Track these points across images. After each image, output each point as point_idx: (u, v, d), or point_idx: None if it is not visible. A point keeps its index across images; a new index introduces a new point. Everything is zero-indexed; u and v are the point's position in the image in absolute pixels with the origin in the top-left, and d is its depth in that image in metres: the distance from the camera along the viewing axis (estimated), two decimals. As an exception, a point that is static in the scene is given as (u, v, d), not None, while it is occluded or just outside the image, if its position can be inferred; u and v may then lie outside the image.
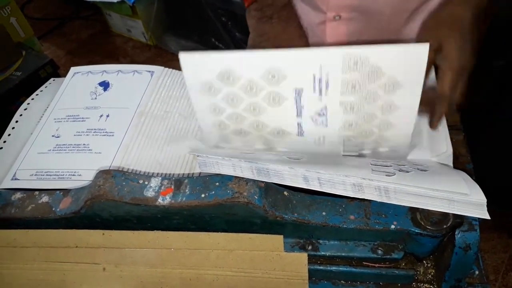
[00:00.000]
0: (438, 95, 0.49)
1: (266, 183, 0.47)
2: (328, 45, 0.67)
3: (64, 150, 0.58)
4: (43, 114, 0.64)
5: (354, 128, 0.49)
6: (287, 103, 0.48)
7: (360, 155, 0.51)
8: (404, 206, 0.45)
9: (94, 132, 0.60)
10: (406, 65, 0.44)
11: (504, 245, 1.25)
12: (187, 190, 0.48)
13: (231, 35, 1.79)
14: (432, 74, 0.54)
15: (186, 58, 0.47)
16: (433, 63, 0.51)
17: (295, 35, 0.56)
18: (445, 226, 0.44)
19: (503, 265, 1.21)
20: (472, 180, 0.46)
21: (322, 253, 0.49)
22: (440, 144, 0.52)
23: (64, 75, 0.70)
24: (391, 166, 0.47)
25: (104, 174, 0.49)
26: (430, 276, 0.48)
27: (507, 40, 1.09)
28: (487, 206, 0.42)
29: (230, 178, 0.47)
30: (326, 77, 0.45)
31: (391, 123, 0.49)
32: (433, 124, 0.50)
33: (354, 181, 0.44)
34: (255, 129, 0.51)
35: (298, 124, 0.50)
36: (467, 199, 0.42)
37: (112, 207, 0.48)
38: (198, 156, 0.48)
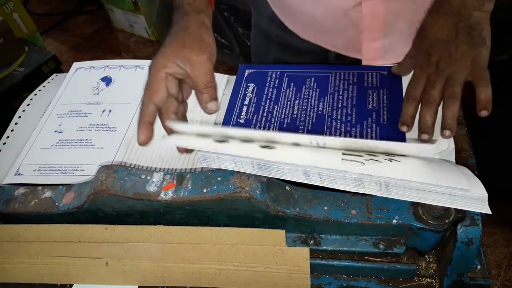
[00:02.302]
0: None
1: (268, 177, 0.47)
2: (363, 27, 0.65)
3: (67, 145, 0.58)
4: (45, 110, 0.65)
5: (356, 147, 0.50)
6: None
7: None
8: (406, 201, 0.45)
9: (97, 127, 0.60)
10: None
11: (507, 239, 1.25)
12: (189, 185, 0.48)
13: (233, 30, 1.79)
14: None
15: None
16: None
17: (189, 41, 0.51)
18: (447, 221, 0.44)
19: (505, 260, 1.21)
20: (474, 175, 0.46)
21: (324, 247, 0.49)
22: (442, 141, 0.51)
23: (67, 71, 0.70)
24: (362, 156, 0.47)
25: (107, 169, 0.50)
26: (432, 270, 0.48)
27: (510, 35, 1.09)
28: (490, 200, 0.42)
29: (232, 173, 0.47)
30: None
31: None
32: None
33: (354, 175, 0.44)
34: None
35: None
36: (468, 193, 0.42)
37: (114, 202, 0.49)
38: (198, 150, 0.48)
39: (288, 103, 0.61)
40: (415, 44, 0.55)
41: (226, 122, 0.60)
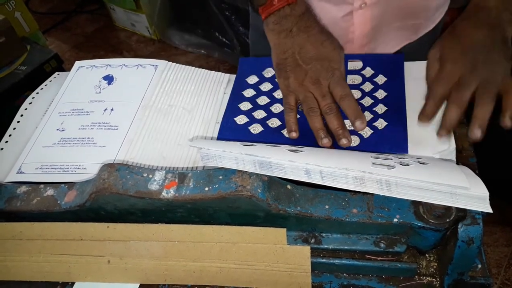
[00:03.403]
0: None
1: (269, 176, 0.47)
2: (354, 34, 0.67)
3: (69, 143, 0.59)
4: (47, 108, 0.65)
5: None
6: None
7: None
8: (407, 200, 0.45)
9: (99, 125, 0.60)
10: None
11: (507, 238, 1.25)
12: (191, 184, 0.48)
13: (234, 29, 1.79)
14: None
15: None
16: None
17: (318, 43, 0.55)
18: (448, 220, 0.44)
19: (505, 259, 1.21)
20: (475, 174, 0.46)
21: (325, 246, 0.49)
22: (442, 140, 0.52)
23: (69, 69, 0.70)
24: (391, 159, 0.47)
25: (109, 167, 0.50)
26: (432, 269, 0.49)
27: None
28: (491, 200, 0.42)
29: (233, 171, 0.47)
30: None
31: None
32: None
33: (356, 174, 0.44)
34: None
35: None
36: (469, 192, 0.42)
37: (116, 200, 0.49)
38: (200, 149, 0.49)
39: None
40: (445, 45, 0.54)
41: (227, 115, 0.60)
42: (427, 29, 0.73)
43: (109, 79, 0.66)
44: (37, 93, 0.69)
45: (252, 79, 0.65)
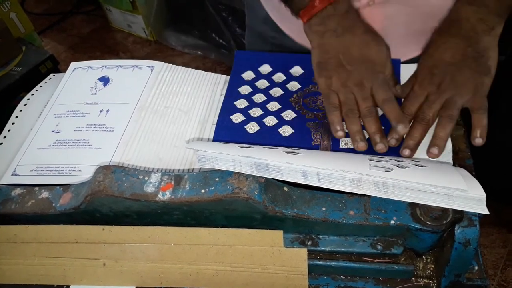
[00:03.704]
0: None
1: (266, 178, 0.47)
2: None
3: (64, 145, 0.58)
4: (43, 110, 0.64)
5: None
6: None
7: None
8: (403, 202, 0.45)
9: (94, 127, 0.60)
10: None
11: (503, 240, 1.25)
12: (187, 186, 0.48)
13: (231, 30, 1.79)
14: None
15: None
16: None
17: (364, 44, 0.54)
18: (444, 222, 0.44)
19: (502, 260, 1.22)
20: (472, 176, 0.46)
21: (322, 248, 0.49)
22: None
23: (65, 71, 0.70)
24: (389, 161, 0.47)
25: (104, 169, 0.49)
26: (429, 271, 0.49)
27: (507, 36, 1.09)
28: (487, 201, 0.42)
29: (230, 173, 0.47)
30: None
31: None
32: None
33: (352, 176, 0.44)
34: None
35: None
36: (466, 194, 0.42)
37: (112, 203, 0.48)
38: (197, 151, 0.48)
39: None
40: (420, 62, 0.55)
41: (223, 113, 0.60)
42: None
43: (104, 80, 0.66)
44: (32, 94, 0.69)
45: (248, 75, 0.65)
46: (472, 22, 0.51)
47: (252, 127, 0.58)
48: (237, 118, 0.59)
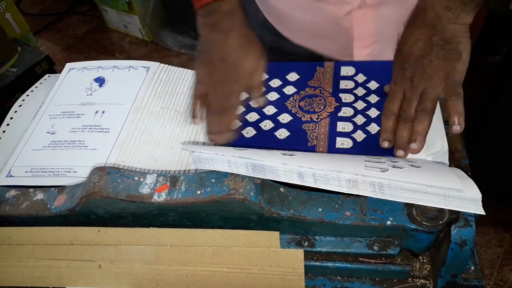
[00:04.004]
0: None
1: (262, 179, 0.47)
2: (355, 34, 0.66)
3: (59, 146, 0.58)
4: (38, 111, 0.64)
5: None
6: None
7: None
8: (400, 202, 0.45)
9: (90, 128, 0.59)
10: None
11: (500, 239, 1.25)
12: (182, 187, 0.47)
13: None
14: None
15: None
16: None
17: (235, 47, 0.55)
18: (441, 222, 0.44)
19: (498, 260, 1.22)
20: (467, 176, 0.46)
21: (318, 249, 0.49)
22: (435, 142, 0.52)
23: (60, 71, 0.70)
24: (384, 162, 0.47)
25: (99, 171, 0.49)
26: (426, 271, 0.49)
27: (502, 36, 1.09)
28: (483, 201, 0.42)
29: (226, 174, 0.47)
30: None
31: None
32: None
33: (348, 177, 0.44)
34: None
35: None
36: (462, 194, 0.42)
37: (107, 204, 0.48)
38: (193, 152, 0.48)
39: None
40: (394, 59, 0.55)
41: None
42: None
43: (100, 81, 0.66)
44: (27, 95, 0.68)
45: None
46: (437, 10, 0.51)
47: (249, 132, 0.58)
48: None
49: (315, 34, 0.69)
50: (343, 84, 0.62)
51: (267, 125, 0.58)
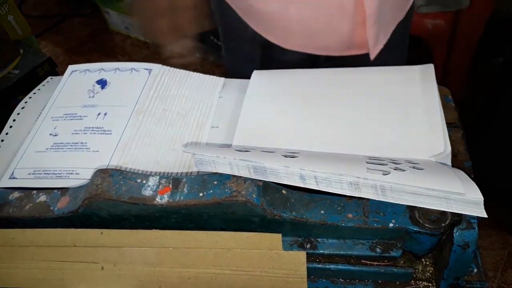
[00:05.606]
0: None
1: (264, 181, 0.47)
2: (364, 15, 0.65)
3: (62, 148, 0.58)
4: (40, 113, 0.64)
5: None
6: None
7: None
8: (402, 204, 0.45)
9: (92, 130, 0.59)
10: None
11: (503, 242, 1.25)
12: (185, 189, 0.48)
13: (229, 32, 1.79)
14: None
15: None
16: None
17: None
18: (443, 224, 0.44)
19: (502, 262, 1.21)
20: (470, 179, 0.46)
21: (321, 251, 0.49)
22: (438, 144, 0.52)
23: (62, 73, 0.70)
24: (386, 164, 0.47)
25: (102, 173, 0.49)
26: (428, 274, 0.48)
27: (505, 37, 1.09)
28: (487, 203, 0.42)
29: (228, 177, 0.47)
30: None
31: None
32: None
33: (350, 179, 0.44)
34: None
35: None
36: (464, 197, 0.42)
37: (110, 206, 0.48)
38: (194, 154, 0.48)
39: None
40: None
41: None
42: (409, 4, 0.74)
43: (102, 83, 0.66)
44: (30, 97, 0.69)
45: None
46: None
47: None
48: None
49: (313, 31, 0.69)
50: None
51: None
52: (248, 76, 0.63)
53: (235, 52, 0.81)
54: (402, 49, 0.82)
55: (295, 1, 0.65)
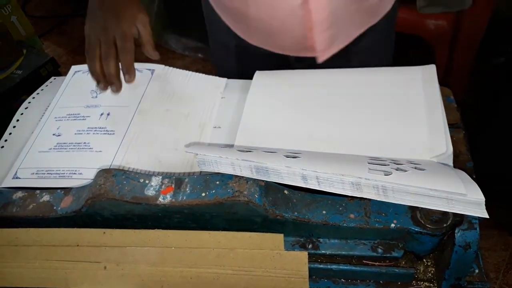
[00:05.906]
0: None
1: (266, 181, 0.47)
2: (313, 21, 0.66)
3: (65, 148, 0.58)
4: (44, 113, 0.65)
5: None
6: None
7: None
8: (404, 205, 0.45)
9: (95, 130, 0.60)
10: None
11: (505, 243, 1.24)
12: (187, 189, 0.48)
13: (231, 33, 1.79)
14: None
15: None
16: None
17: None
18: (445, 225, 0.44)
19: (503, 263, 1.21)
20: (471, 180, 0.46)
21: (323, 251, 0.49)
22: (440, 145, 0.52)
23: (65, 74, 0.70)
24: (388, 165, 0.47)
25: (105, 173, 0.50)
26: (430, 274, 0.49)
27: (507, 38, 1.09)
28: (488, 204, 0.42)
29: (230, 177, 0.47)
30: None
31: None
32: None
33: (352, 179, 0.44)
34: None
35: None
36: (465, 198, 0.42)
37: (113, 206, 0.49)
38: (197, 154, 0.49)
39: None
40: None
41: None
42: (384, 11, 0.73)
43: (105, 83, 0.66)
44: (33, 97, 0.69)
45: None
46: None
47: None
48: None
49: (270, 30, 0.70)
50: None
51: None
52: (224, 63, 0.64)
53: (214, 40, 0.84)
54: (386, 50, 0.82)
55: (254, 2, 0.67)
